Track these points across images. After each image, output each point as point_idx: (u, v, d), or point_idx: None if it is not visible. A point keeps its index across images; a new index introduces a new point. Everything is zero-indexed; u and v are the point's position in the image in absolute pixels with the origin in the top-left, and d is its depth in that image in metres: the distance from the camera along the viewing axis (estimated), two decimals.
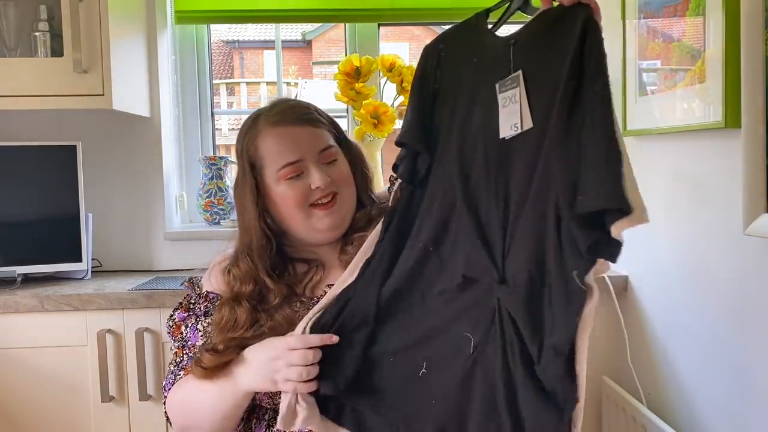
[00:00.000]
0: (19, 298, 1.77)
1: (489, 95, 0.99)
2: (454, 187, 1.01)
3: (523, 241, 0.93)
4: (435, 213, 1.03)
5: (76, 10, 1.81)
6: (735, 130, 1.31)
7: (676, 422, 1.59)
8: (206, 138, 2.41)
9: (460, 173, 1.00)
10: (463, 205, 0.99)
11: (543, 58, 0.94)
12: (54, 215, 1.97)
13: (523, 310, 0.90)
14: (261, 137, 1.17)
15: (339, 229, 1.19)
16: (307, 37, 7.73)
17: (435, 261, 1.02)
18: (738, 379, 1.39)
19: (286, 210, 1.17)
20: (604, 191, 0.83)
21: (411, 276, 1.03)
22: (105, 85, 1.86)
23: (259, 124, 1.18)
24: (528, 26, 1.00)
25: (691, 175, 1.53)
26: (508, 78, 0.97)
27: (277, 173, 1.15)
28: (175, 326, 1.22)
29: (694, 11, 1.46)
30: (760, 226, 1.23)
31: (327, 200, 1.16)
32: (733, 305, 1.40)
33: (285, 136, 1.16)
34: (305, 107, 1.21)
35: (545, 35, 0.95)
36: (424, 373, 0.99)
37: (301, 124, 1.17)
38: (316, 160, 1.15)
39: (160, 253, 2.22)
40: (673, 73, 1.55)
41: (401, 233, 1.06)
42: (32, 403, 1.79)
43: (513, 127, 0.94)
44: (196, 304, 1.22)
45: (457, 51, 1.08)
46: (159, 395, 1.82)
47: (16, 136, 2.07)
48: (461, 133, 1.03)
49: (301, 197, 1.15)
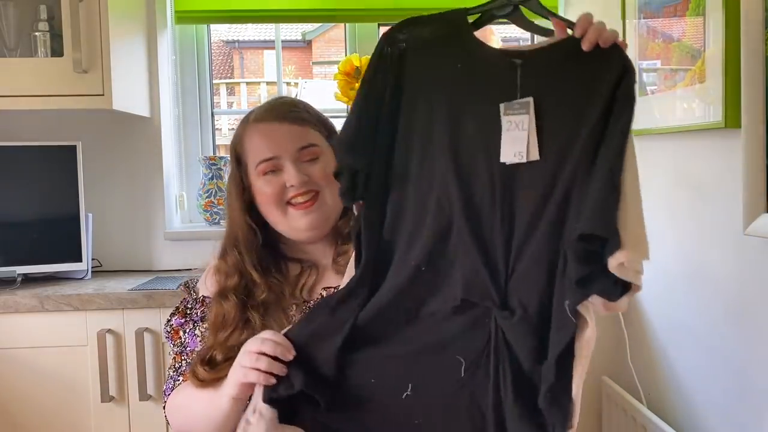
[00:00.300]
0: (19, 298, 1.77)
1: (485, 111, 0.94)
2: (451, 201, 0.94)
3: (534, 269, 0.90)
4: (429, 228, 0.96)
5: (76, 10, 1.81)
6: (735, 130, 1.31)
7: (676, 422, 1.59)
8: (206, 138, 2.41)
9: (460, 189, 0.94)
10: (464, 223, 0.93)
11: (561, 90, 0.92)
12: (54, 215, 1.97)
13: (531, 338, 0.89)
14: (246, 133, 1.19)
15: (320, 228, 1.18)
16: (307, 37, 7.72)
17: (428, 280, 0.96)
18: (738, 379, 1.39)
19: (265, 206, 1.17)
20: (594, 216, 0.83)
21: (399, 294, 0.97)
22: (105, 85, 1.86)
23: (248, 121, 1.20)
24: (540, 51, 0.94)
25: (691, 175, 1.53)
26: (516, 102, 0.92)
27: (256, 168, 1.16)
28: (173, 331, 1.22)
29: (694, 11, 1.46)
30: (760, 226, 1.23)
31: (304, 199, 1.15)
32: (733, 305, 1.40)
33: (264, 132, 1.17)
34: (291, 104, 1.21)
35: (565, 66, 0.92)
36: (409, 395, 0.96)
37: (282, 121, 1.17)
38: (295, 158, 1.15)
39: (160, 253, 2.22)
40: (673, 73, 1.55)
41: (382, 249, 0.99)
42: (32, 403, 1.79)
43: (517, 155, 0.91)
44: (193, 309, 1.22)
45: (431, 48, 0.98)
46: (159, 395, 1.82)
47: (16, 136, 2.07)
48: (451, 144, 0.95)
49: (276, 194, 1.15)
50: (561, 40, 0.94)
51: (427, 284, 0.96)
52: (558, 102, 0.91)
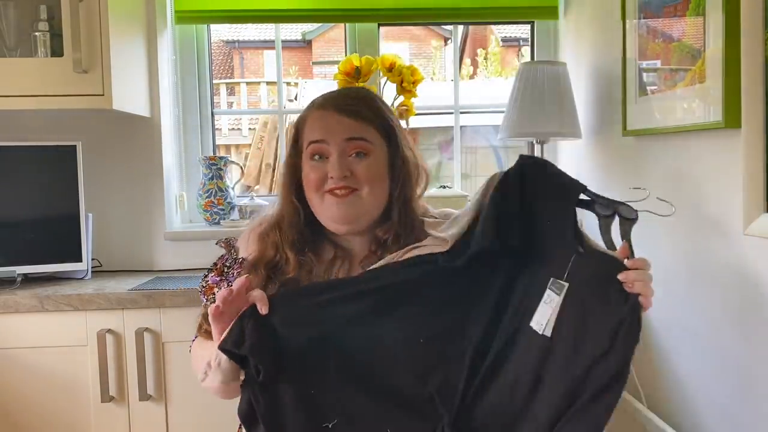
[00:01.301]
0: (19, 298, 1.77)
1: (544, 275, 1.02)
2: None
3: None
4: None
5: (76, 10, 1.81)
6: (735, 130, 1.31)
7: (676, 422, 1.59)
8: (206, 138, 2.41)
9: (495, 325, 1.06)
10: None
11: (589, 299, 0.98)
12: (54, 215, 1.97)
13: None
14: (308, 116, 1.22)
15: (351, 224, 1.18)
16: (307, 37, 7.72)
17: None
18: (738, 379, 1.39)
19: (308, 190, 1.20)
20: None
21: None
22: (105, 85, 1.86)
23: (313, 106, 1.23)
24: (596, 255, 1.01)
25: (691, 175, 1.53)
26: (558, 281, 1.00)
27: (306, 150, 1.19)
28: (208, 287, 1.26)
29: (694, 11, 1.46)
30: (760, 226, 1.23)
31: (342, 193, 1.17)
32: (733, 305, 1.40)
33: (320, 118, 1.20)
34: (353, 98, 1.22)
35: (601, 281, 0.98)
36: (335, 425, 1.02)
37: (340, 112, 1.19)
38: (342, 147, 1.16)
39: (160, 253, 2.23)
40: (673, 73, 1.55)
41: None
42: (32, 403, 1.79)
43: (537, 324, 1.00)
44: (231, 269, 1.25)
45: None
46: (159, 395, 1.82)
47: (17, 136, 2.07)
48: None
49: (318, 181, 1.17)
50: (614, 258, 0.99)
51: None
52: (581, 303, 0.98)
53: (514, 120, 2.06)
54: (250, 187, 4.90)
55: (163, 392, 1.83)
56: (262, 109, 5.90)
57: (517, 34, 7.61)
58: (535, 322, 1.00)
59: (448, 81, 6.65)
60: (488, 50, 7.57)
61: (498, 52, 7.66)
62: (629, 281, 0.96)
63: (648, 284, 0.97)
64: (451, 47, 6.21)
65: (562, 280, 0.99)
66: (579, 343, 0.96)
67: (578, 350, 0.95)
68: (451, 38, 6.34)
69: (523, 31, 5.90)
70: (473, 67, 7.27)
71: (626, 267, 0.98)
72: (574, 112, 2.06)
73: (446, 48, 7.56)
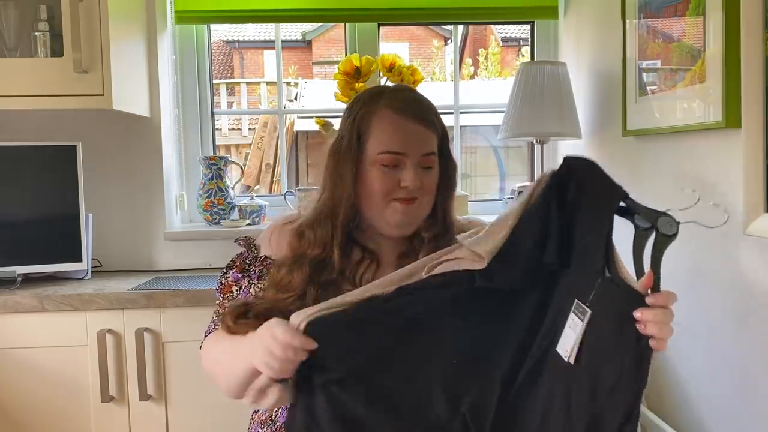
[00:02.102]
0: (19, 298, 1.77)
1: (569, 299, 0.96)
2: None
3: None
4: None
5: (76, 10, 1.81)
6: (735, 130, 1.31)
7: (676, 422, 1.59)
8: (206, 138, 2.41)
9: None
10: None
11: (606, 332, 0.92)
12: (54, 215, 1.97)
13: None
14: (379, 115, 1.17)
15: (406, 229, 1.19)
16: (307, 37, 7.73)
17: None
18: (738, 379, 1.39)
19: (370, 193, 1.17)
20: None
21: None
22: (105, 85, 1.86)
23: (381, 102, 1.18)
24: (621, 287, 0.92)
25: (691, 175, 1.53)
26: (582, 306, 0.93)
27: (376, 155, 1.16)
28: (227, 284, 1.24)
29: (694, 11, 1.46)
30: (760, 226, 1.23)
31: (408, 201, 1.17)
32: (733, 305, 1.40)
33: (400, 125, 1.16)
34: (429, 107, 1.21)
35: (618, 319, 0.92)
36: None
37: (419, 121, 1.17)
38: (417, 161, 1.16)
39: (160, 253, 2.23)
40: (673, 73, 1.56)
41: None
42: (32, 403, 1.79)
43: (562, 349, 0.94)
44: (252, 265, 1.24)
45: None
46: (159, 395, 1.82)
47: (17, 136, 2.07)
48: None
49: (388, 188, 1.16)
50: (636, 294, 0.92)
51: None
52: (600, 328, 0.92)
53: (514, 120, 2.06)
54: (250, 187, 4.91)
55: (163, 392, 1.83)
56: (262, 109, 5.91)
57: (517, 34, 7.63)
58: (561, 347, 0.95)
59: (448, 81, 6.66)
60: (488, 50, 7.58)
61: (498, 52, 7.67)
62: (643, 321, 0.89)
63: (664, 326, 0.90)
64: (451, 47, 6.21)
65: (586, 304, 0.93)
66: (597, 376, 0.92)
67: (596, 384, 0.92)
68: (451, 38, 6.35)
69: (523, 31, 5.87)
70: (473, 66, 7.28)
71: (644, 303, 0.90)
72: (574, 112, 2.07)
73: (446, 48, 7.57)
